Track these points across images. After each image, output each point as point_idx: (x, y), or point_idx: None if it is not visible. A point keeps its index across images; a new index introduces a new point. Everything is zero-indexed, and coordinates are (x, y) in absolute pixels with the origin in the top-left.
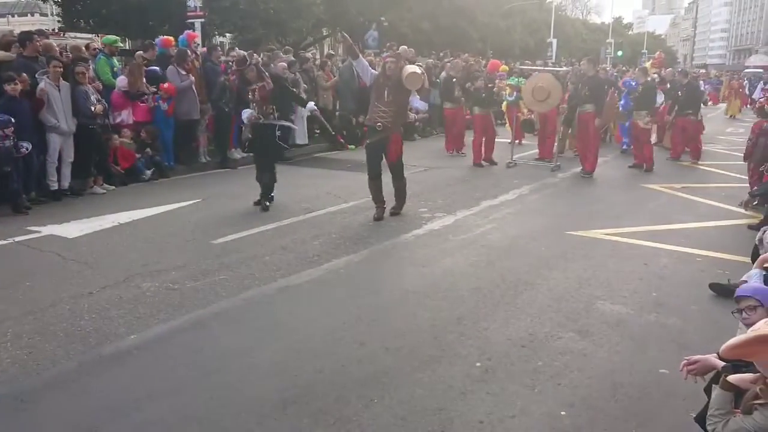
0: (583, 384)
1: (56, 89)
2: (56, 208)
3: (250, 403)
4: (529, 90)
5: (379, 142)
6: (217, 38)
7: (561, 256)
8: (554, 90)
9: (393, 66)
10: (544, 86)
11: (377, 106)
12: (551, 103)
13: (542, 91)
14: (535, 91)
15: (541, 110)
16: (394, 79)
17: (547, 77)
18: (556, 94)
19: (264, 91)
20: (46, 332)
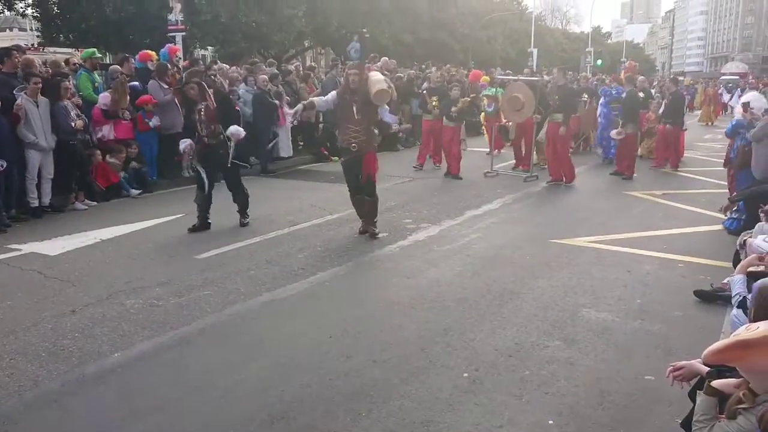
0: (571, 392)
1: (35, 105)
2: (37, 226)
3: (237, 420)
4: (506, 100)
5: (354, 160)
6: (198, 52)
7: (546, 265)
8: (528, 100)
9: (356, 79)
10: (519, 96)
11: (348, 126)
12: (525, 114)
13: (516, 101)
14: (510, 101)
15: (516, 120)
16: (361, 93)
17: (521, 87)
18: (530, 104)
19: (209, 111)
20: (28, 352)
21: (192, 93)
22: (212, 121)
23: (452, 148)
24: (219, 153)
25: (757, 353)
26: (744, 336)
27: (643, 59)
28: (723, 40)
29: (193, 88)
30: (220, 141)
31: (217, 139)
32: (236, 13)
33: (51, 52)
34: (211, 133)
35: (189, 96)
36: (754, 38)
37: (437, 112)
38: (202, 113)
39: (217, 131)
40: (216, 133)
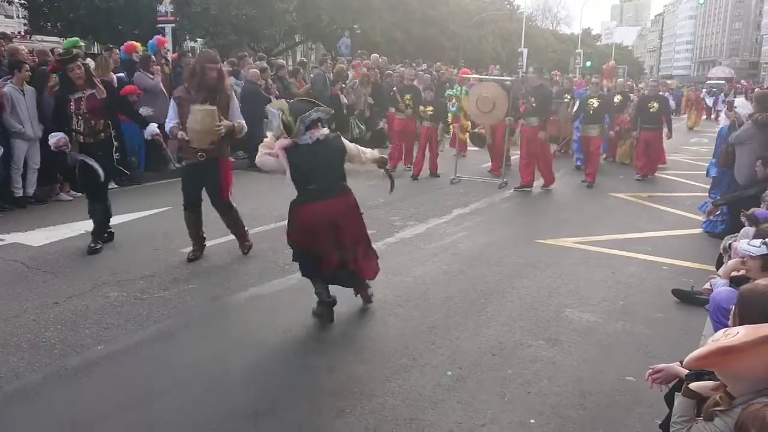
0: (553, 392)
1: (21, 94)
2: (21, 216)
3: (221, 415)
4: (473, 100)
5: (201, 167)
6: (188, 43)
7: (531, 265)
8: (500, 100)
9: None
10: (489, 96)
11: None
12: (497, 115)
13: (487, 102)
14: (480, 102)
15: (486, 122)
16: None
17: (492, 86)
18: (502, 104)
19: (95, 101)
20: (9, 344)
21: (77, 75)
22: (95, 114)
23: (431, 147)
24: (97, 155)
25: (736, 359)
26: (724, 342)
27: (631, 62)
28: (711, 45)
29: (78, 68)
30: (100, 141)
31: (96, 137)
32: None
33: (38, 41)
34: (90, 129)
35: (70, 78)
36: (742, 43)
37: (410, 111)
38: (82, 103)
39: (99, 128)
40: (97, 131)
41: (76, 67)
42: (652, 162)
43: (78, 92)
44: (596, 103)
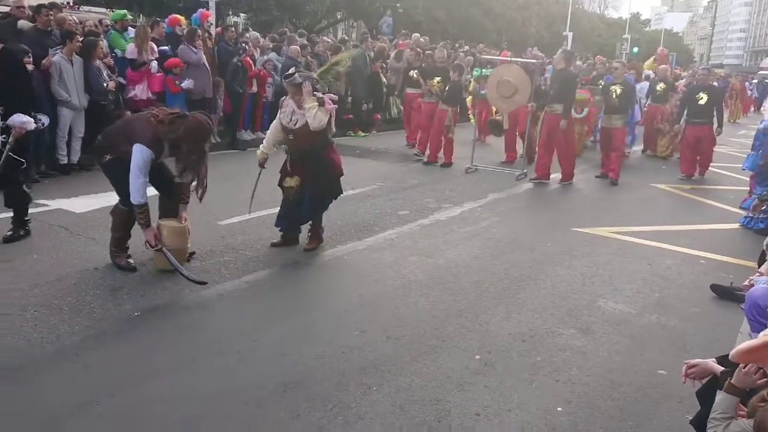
0: (582, 381)
1: (69, 64)
2: (65, 183)
3: (250, 386)
4: (494, 84)
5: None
6: (231, 18)
7: (566, 253)
8: (523, 85)
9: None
10: (511, 80)
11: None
12: (518, 101)
13: (508, 86)
14: (500, 86)
15: (506, 109)
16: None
17: (515, 70)
18: (525, 89)
19: None
20: (51, 306)
21: None
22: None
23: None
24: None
25: None
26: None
27: (681, 49)
28: (765, 34)
29: None
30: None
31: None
32: None
33: (86, 11)
34: None
35: None
36: None
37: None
38: None
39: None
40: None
41: None
42: (703, 160)
43: None
44: (619, 90)
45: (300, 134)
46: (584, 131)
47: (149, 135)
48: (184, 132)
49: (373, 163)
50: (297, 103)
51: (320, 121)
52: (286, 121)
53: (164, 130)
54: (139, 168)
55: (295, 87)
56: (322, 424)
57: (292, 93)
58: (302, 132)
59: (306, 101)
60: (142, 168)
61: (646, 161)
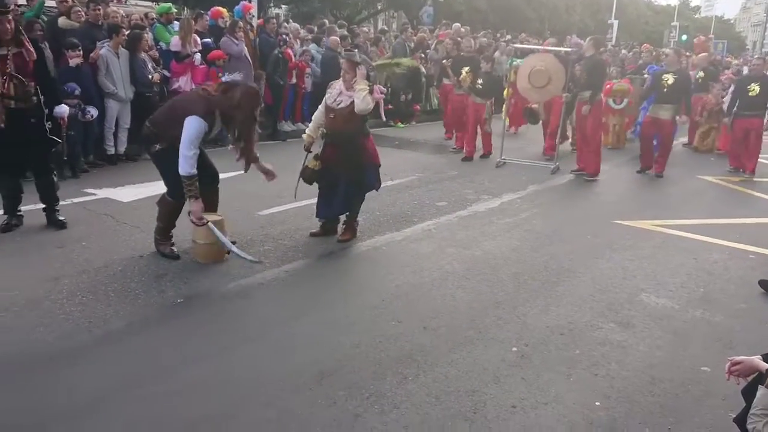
0: (621, 376)
1: (116, 56)
2: (112, 172)
3: (288, 372)
4: (525, 74)
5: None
6: (273, 10)
7: (607, 246)
8: (556, 74)
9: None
10: (544, 69)
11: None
12: (552, 91)
13: (541, 76)
14: (533, 75)
15: (538, 99)
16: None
17: (548, 58)
18: (559, 78)
19: (23, 61)
20: (99, 292)
21: (5, 29)
22: (27, 76)
23: (480, 126)
24: (30, 122)
25: None
26: None
27: (732, 36)
28: None
29: (9, 22)
30: (33, 105)
31: (29, 101)
32: None
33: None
34: (21, 92)
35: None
36: None
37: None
38: (8, 62)
39: (30, 91)
40: (28, 94)
41: (5, 21)
42: (751, 154)
43: (2, 49)
44: (672, 79)
45: (341, 115)
46: (624, 123)
47: (202, 107)
48: (240, 98)
49: (411, 154)
50: (347, 83)
51: (368, 103)
52: (330, 101)
53: (219, 100)
54: (191, 140)
55: (351, 64)
56: (358, 412)
57: (345, 70)
58: (343, 113)
59: (358, 83)
60: (194, 140)
61: (693, 153)
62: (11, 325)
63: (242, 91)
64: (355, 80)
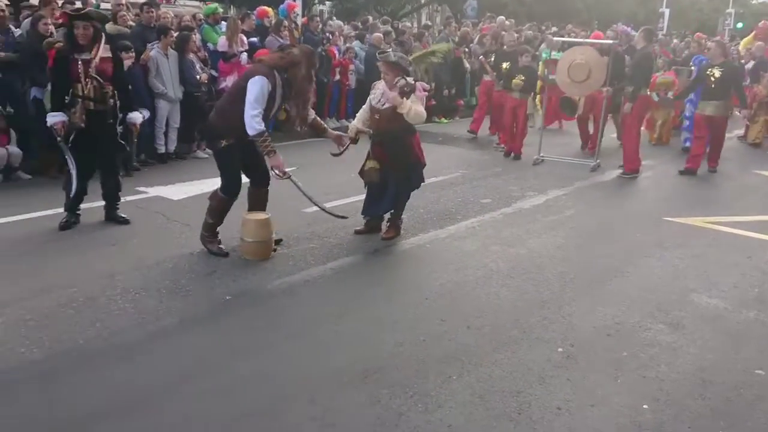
0: (670, 378)
1: (165, 57)
2: (162, 170)
3: (332, 370)
4: (565, 68)
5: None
6: (317, 7)
7: (656, 244)
8: (597, 68)
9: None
10: (584, 63)
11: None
12: (592, 85)
13: (581, 69)
14: (572, 69)
15: (578, 94)
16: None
17: (589, 51)
18: (599, 72)
19: (103, 65)
20: (151, 288)
21: (85, 34)
22: (106, 79)
23: (517, 123)
24: (107, 123)
25: None
26: None
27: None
28: None
29: (85, 28)
30: (110, 108)
31: (106, 104)
32: None
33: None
34: (100, 94)
35: (75, 37)
36: None
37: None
38: (91, 66)
39: (108, 94)
40: (106, 96)
41: (82, 26)
42: None
43: (84, 53)
44: (718, 73)
45: (385, 115)
46: (670, 117)
47: (262, 69)
48: (299, 54)
49: (455, 150)
50: (388, 83)
51: (418, 114)
52: (375, 102)
53: (278, 59)
54: (256, 98)
55: (388, 65)
56: (402, 410)
57: (384, 71)
58: (388, 113)
59: (399, 105)
60: (259, 98)
61: (746, 148)
62: (70, 321)
63: (300, 49)
64: (395, 97)
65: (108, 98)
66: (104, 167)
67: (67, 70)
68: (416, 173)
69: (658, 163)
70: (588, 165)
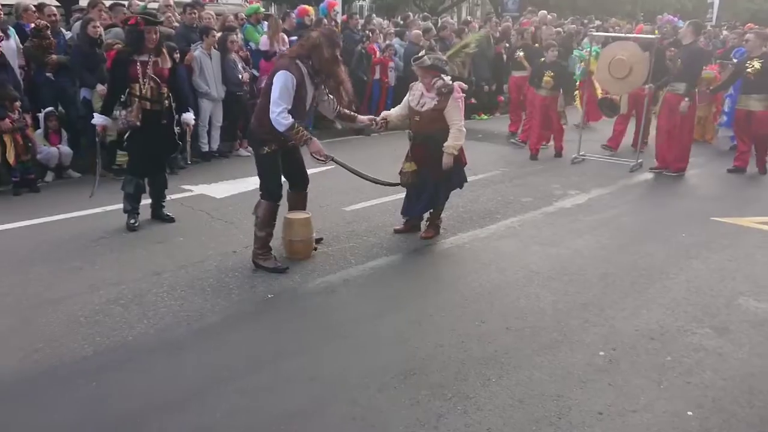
0: (716, 385)
1: (208, 57)
2: (206, 169)
3: (373, 370)
4: (605, 64)
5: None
6: (357, 3)
7: (703, 245)
8: (638, 64)
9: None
10: (625, 59)
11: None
12: (633, 82)
13: (622, 66)
14: (613, 66)
15: (619, 91)
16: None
17: (630, 47)
18: (641, 69)
19: (160, 68)
20: (195, 286)
21: (150, 38)
22: (163, 81)
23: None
24: (162, 124)
25: None
26: None
27: None
28: None
29: (155, 33)
30: (166, 109)
31: (162, 104)
32: None
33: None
34: (156, 94)
35: (142, 40)
36: None
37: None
38: (149, 67)
39: (164, 95)
40: (162, 97)
41: (153, 31)
42: None
43: (143, 55)
44: (758, 65)
45: (426, 117)
46: (711, 113)
47: (284, 63)
48: (317, 36)
49: (495, 147)
50: (426, 86)
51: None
52: (414, 104)
53: (298, 47)
54: (280, 95)
55: (424, 70)
56: (441, 412)
57: (421, 75)
58: (429, 115)
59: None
60: (283, 94)
61: None
62: (119, 318)
63: (318, 31)
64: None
65: (164, 99)
66: (154, 166)
67: (126, 70)
68: (457, 173)
69: (699, 162)
70: (629, 164)
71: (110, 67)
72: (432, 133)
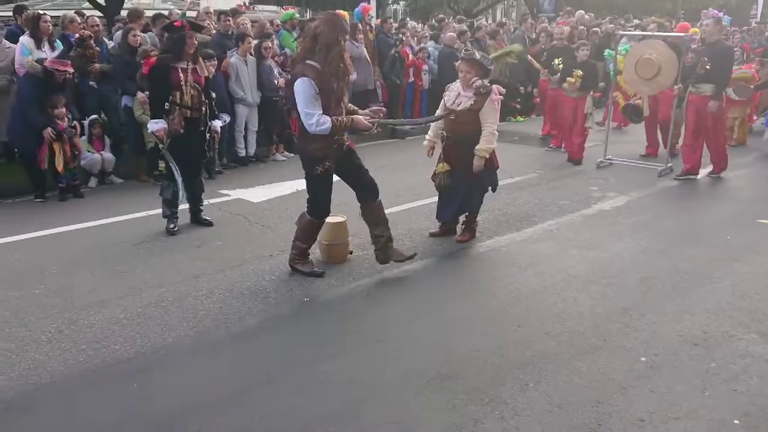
0: (764, 393)
1: (244, 64)
2: (243, 173)
3: (409, 374)
4: (632, 63)
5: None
6: (391, 7)
7: (749, 248)
8: (667, 64)
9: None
10: (653, 59)
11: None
12: (662, 83)
13: (649, 66)
14: (640, 65)
15: (647, 92)
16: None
17: (659, 46)
18: (670, 69)
19: (198, 76)
20: (234, 290)
21: (191, 43)
22: (202, 88)
23: (575, 125)
24: (199, 130)
25: None
26: None
27: None
28: None
29: (195, 38)
30: (203, 115)
31: (200, 111)
32: None
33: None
34: (197, 102)
35: (183, 47)
36: None
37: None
38: (189, 75)
39: (202, 102)
40: (200, 104)
41: (193, 37)
42: None
43: (182, 62)
44: None
45: (462, 116)
46: (746, 115)
47: (298, 68)
48: (319, 21)
49: (532, 149)
50: (465, 82)
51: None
52: (450, 103)
53: (301, 44)
54: (306, 104)
55: (470, 63)
56: (478, 416)
57: (466, 70)
58: (464, 114)
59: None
60: (309, 102)
61: None
62: (159, 320)
63: (321, 18)
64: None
65: (202, 106)
66: (192, 172)
67: (167, 78)
68: (488, 176)
69: (734, 165)
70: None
71: (148, 74)
72: (466, 134)
